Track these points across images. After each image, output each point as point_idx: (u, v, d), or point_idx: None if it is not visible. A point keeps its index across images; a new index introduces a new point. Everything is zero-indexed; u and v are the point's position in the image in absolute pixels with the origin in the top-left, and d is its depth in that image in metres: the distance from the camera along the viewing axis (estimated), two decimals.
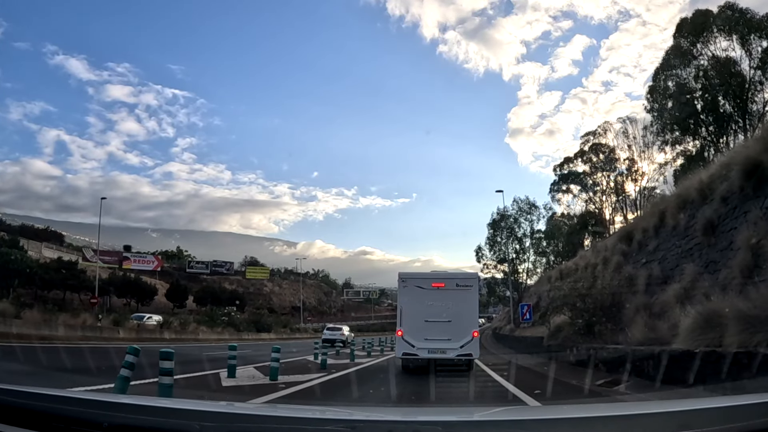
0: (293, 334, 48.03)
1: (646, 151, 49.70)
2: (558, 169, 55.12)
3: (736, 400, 1.67)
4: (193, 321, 32.63)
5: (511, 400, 7.67)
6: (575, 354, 12.35)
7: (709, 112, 30.89)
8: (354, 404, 7.18)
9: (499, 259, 44.82)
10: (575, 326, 13.50)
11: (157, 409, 1.58)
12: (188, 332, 27.96)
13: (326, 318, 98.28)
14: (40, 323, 17.90)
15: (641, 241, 16.91)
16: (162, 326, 27.04)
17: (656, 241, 15.50)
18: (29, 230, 71.90)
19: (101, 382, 6.93)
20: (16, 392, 1.65)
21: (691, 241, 12.77)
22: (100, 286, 53.21)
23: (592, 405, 3.81)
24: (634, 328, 10.61)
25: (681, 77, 31.88)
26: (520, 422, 1.59)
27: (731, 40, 29.97)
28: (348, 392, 8.65)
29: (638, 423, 1.45)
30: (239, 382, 9.14)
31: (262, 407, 3.23)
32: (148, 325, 25.42)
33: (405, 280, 12.36)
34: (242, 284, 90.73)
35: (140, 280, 59.70)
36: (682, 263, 12.44)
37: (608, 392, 8.26)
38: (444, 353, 11.67)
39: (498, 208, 45.76)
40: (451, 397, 8.42)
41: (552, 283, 28.33)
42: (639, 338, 10.12)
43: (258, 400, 6.79)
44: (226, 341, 27.00)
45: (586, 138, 52.21)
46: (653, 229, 16.13)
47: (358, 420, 1.60)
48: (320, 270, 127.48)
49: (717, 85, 30.54)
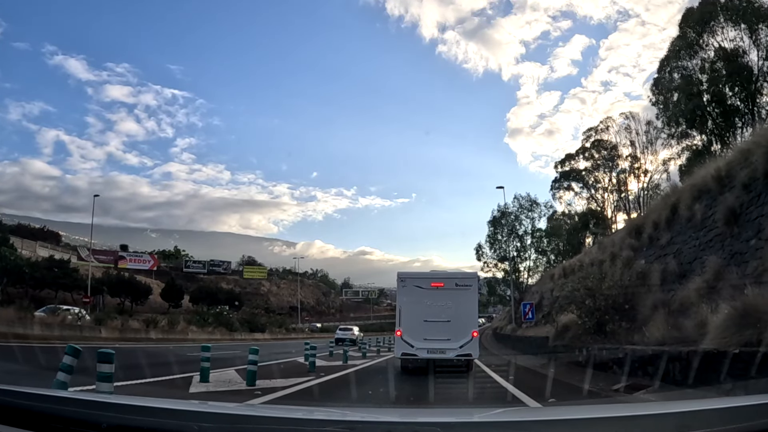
0: (289, 334, 46.79)
1: (649, 147, 48.94)
2: (559, 166, 54.11)
3: (736, 401, 1.70)
4: (183, 320, 31.57)
5: (510, 401, 7.39)
6: (585, 355, 11.38)
7: (716, 104, 29.96)
8: (352, 405, 7.03)
9: (499, 258, 43.83)
10: (584, 325, 12.52)
11: (155, 410, 1.57)
12: (176, 332, 26.88)
13: (324, 318, 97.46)
14: (14, 321, 16.93)
15: (652, 235, 15.97)
16: (149, 325, 25.93)
17: (669, 234, 14.55)
18: (26, 229, 71.01)
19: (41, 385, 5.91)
20: (14, 393, 1.64)
21: (710, 232, 11.84)
22: (94, 286, 52.41)
23: (592, 406, 3.71)
24: (652, 327, 9.65)
25: (687, 69, 30.93)
26: (519, 423, 1.61)
27: (739, 30, 29.02)
28: (334, 399, 7.67)
29: (637, 424, 1.45)
30: (211, 387, 8.17)
31: (261, 408, 3.17)
32: (131, 325, 24.38)
33: (404, 279, 12.16)
34: (239, 284, 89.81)
35: (134, 279, 58.64)
36: (702, 256, 11.50)
37: (630, 399, 7.29)
38: (443, 353, 11.48)
39: (498, 205, 44.83)
40: (451, 399, 8.04)
41: (555, 282, 27.40)
42: (658, 338, 9.17)
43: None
44: (217, 341, 26.02)
45: (587, 134, 51.22)
46: (665, 222, 15.20)
47: (357, 421, 1.61)
48: (319, 270, 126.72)
49: (724, 77, 29.60)
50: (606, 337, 11.57)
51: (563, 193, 52.03)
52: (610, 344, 10.73)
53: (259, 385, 8.48)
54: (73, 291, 51.13)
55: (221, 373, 10.11)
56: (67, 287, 50.83)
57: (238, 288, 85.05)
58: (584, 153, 52.96)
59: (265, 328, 43.06)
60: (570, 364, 11.95)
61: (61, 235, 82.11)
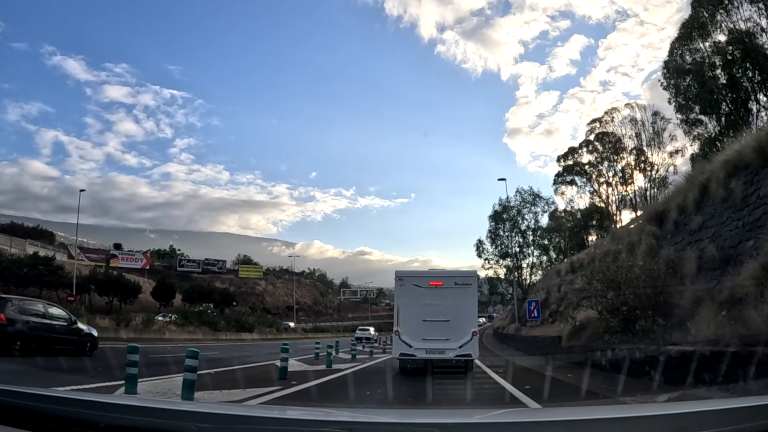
0: (279, 335, 44.45)
1: (656, 138, 47.07)
2: (562, 160, 52.31)
3: (733, 402, 1.68)
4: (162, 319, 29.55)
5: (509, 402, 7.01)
6: (610, 357, 9.51)
7: (730, 88, 28.12)
8: (351, 406, 6.78)
9: (501, 254, 41.90)
10: (608, 323, 10.61)
11: (154, 410, 1.58)
12: (151, 331, 24.86)
13: (322, 318, 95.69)
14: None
15: (678, 220, 14.13)
16: (119, 324, 23.93)
17: (701, 218, 12.70)
18: (19, 228, 69.62)
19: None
20: (12, 392, 1.63)
21: (755, 210, 10.01)
22: (80, 284, 50.55)
23: (591, 407, 3.44)
24: (698, 323, 7.79)
25: (700, 51, 29.07)
26: (518, 424, 1.62)
27: (757, 8, 27.17)
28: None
29: (636, 425, 1.45)
30: (131, 401, 6.25)
31: (259, 408, 3.07)
32: (99, 323, 22.38)
33: (402, 278, 11.88)
34: (234, 283, 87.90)
35: (123, 277, 56.63)
36: (748, 238, 9.63)
37: None
38: (442, 353, 11.21)
39: (500, 199, 42.82)
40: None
41: (562, 277, 25.51)
42: (708, 335, 7.31)
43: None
44: (198, 342, 24.11)
45: (591, 126, 49.41)
46: (693, 204, 13.37)
47: (356, 422, 1.60)
48: (316, 269, 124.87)
49: (739, 59, 27.76)
50: (635, 336, 9.67)
51: (566, 188, 50.26)
52: (642, 344, 8.84)
53: (200, 397, 6.58)
54: (59, 289, 49.22)
55: (164, 381, 8.23)
56: (53, 285, 48.89)
57: (233, 287, 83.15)
58: (588, 146, 51.14)
59: (254, 327, 40.96)
60: (591, 368, 10.06)
61: (55, 234, 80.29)
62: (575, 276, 23.29)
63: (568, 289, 22.75)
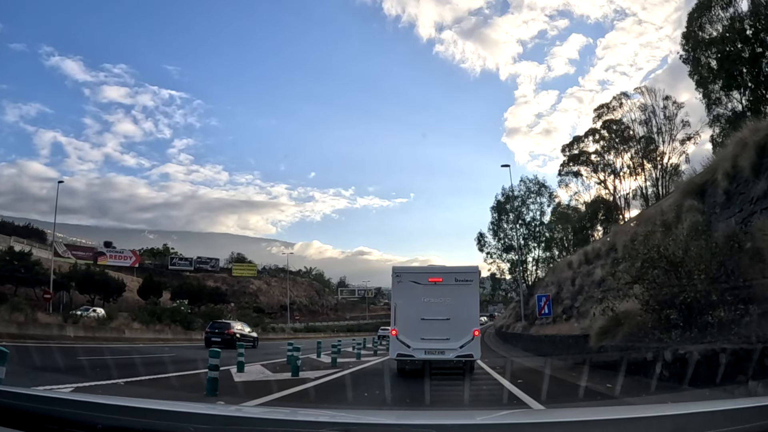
0: (266, 335, 40.99)
1: (667, 123, 44.45)
2: (567, 150, 49.74)
3: (732, 403, 1.66)
4: (129, 316, 26.81)
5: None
6: (669, 360, 6.86)
7: (754, 61, 25.52)
8: (348, 407, 6.49)
9: (504, 247, 39.15)
10: (658, 315, 7.96)
11: (151, 411, 1.57)
12: (108, 329, 22.06)
13: (318, 318, 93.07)
14: None
15: (729, 190, 11.54)
16: (67, 320, 21.21)
17: (764, 183, 10.10)
18: (8, 226, 68.09)
19: None
20: (10, 393, 1.62)
21: None
22: (60, 281, 47.92)
23: (591, 408, 3.29)
24: None
25: (723, 19, 26.45)
26: (518, 426, 1.61)
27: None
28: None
29: (635, 426, 1.44)
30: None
31: (257, 410, 2.93)
32: (40, 319, 19.80)
33: (399, 275, 11.41)
34: (227, 282, 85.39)
35: (107, 274, 53.95)
36: None
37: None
38: (442, 354, 10.74)
39: (503, 188, 40.04)
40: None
41: (575, 270, 22.85)
42: None
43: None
44: (166, 341, 21.47)
45: (599, 111, 46.76)
46: (750, 167, 10.81)
47: (352, 423, 1.60)
48: (313, 268, 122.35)
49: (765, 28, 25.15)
50: (702, 332, 7.03)
51: (570, 179, 47.70)
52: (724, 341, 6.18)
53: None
54: (36, 287, 46.55)
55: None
56: (30, 282, 46.21)
57: (226, 286, 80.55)
58: (594, 134, 48.56)
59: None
60: (638, 375, 7.41)
61: (47, 233, 77.85)
62: (591, 267, 20.66)
63: (586, 281, 20.10)
